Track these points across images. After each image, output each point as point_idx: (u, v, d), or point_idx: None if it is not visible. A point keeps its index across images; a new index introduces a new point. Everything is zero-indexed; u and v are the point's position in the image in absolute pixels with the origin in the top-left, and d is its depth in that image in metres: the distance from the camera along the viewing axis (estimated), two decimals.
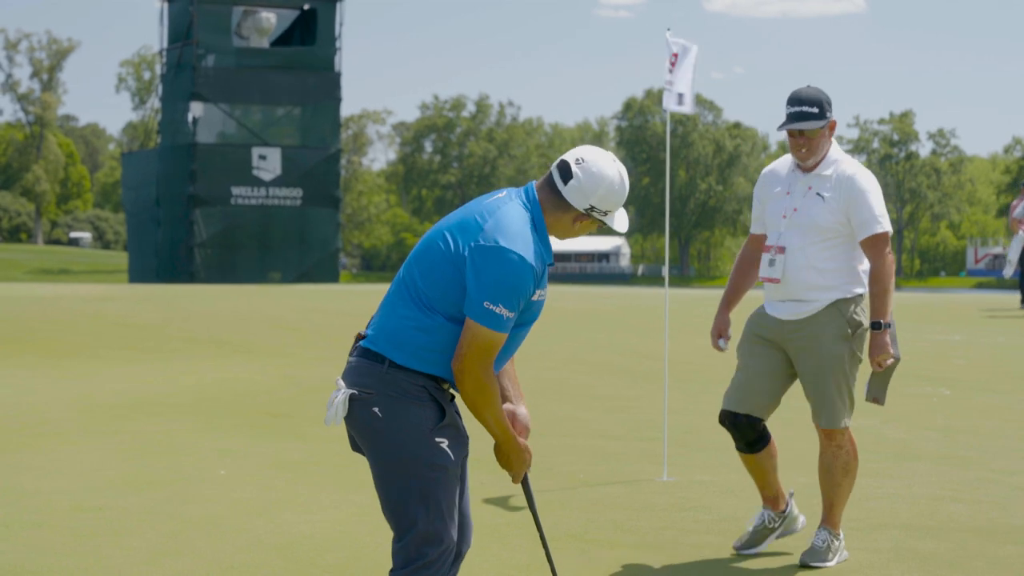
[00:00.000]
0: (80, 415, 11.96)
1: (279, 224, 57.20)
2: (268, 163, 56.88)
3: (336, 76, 58.62)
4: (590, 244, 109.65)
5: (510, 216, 4.67)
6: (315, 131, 59.00)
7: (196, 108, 55.71)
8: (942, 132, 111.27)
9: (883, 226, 6.71)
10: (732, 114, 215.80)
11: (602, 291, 39.72)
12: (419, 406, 4.69)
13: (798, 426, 9.70)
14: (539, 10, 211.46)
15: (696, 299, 28.85)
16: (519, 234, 4.63)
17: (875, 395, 6.86)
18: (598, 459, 9.96)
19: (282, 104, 58.85)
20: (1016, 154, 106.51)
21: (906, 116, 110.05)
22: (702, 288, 50.03)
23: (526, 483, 5.02)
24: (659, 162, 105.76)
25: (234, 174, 56.28)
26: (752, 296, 7.42)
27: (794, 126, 6.72)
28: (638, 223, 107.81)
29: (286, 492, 8.70)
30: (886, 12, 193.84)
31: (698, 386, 14.03)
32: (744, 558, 7.09)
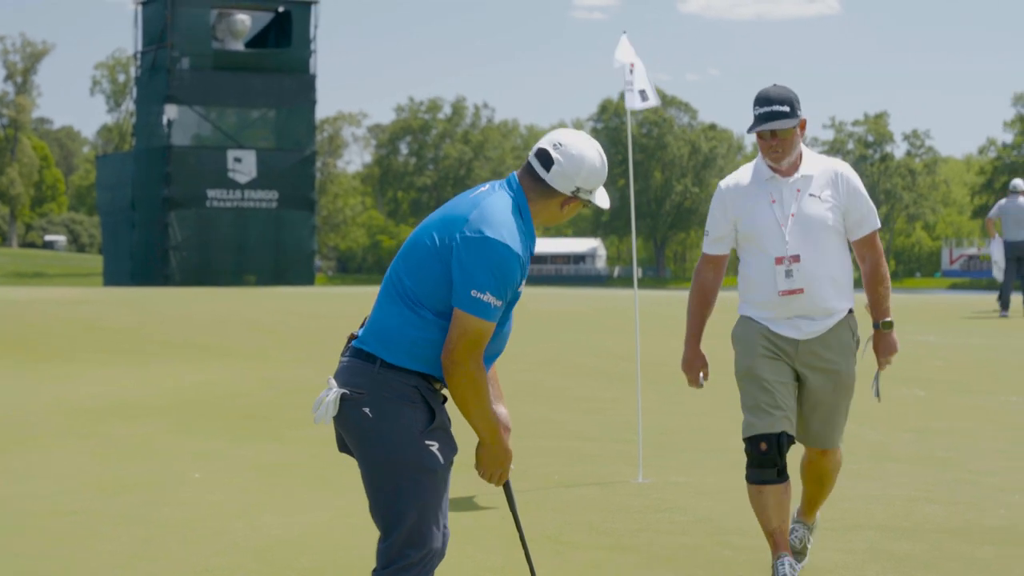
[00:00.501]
0: (56, 419, 11.91)
1: (254, 227, 57.01)
2: (243, 165, 56.71)
3: (311, 78, 58.47)
4: (565, 246, 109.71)
5: (494, 206, 4.69)
6: (290, 133, 58.85)
7: (171, 111, 55.51)
8: (916, 133, 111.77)
9: (878, 221, 6.56)
10: (707, 116, 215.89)
11: (577, 293, 39.69)
12: (410, 407, 4.69)
13: None
14: (514, 12, 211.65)
15: (671, 300, 28.84)
16: (504, 223, 4.64)
17: (878, 393, 6.83)
18: (573, 461, 9.96)
19: (257, 106, 58.66)
20: (991, 155, 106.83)
21: (881, 117, 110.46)
22: (678, 290, 50.07)
23: (507, 485, 5.03)
24: (635, 164, 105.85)
25: (209, 177, 56.08)
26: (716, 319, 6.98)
27: (767, 126, 6.28)
28: (614, 224, 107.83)
29: (263, 495, 8.69)
30: (860, 14, 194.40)
31: (673, 388, 13.99)
32: (720, 560, 7.09)
